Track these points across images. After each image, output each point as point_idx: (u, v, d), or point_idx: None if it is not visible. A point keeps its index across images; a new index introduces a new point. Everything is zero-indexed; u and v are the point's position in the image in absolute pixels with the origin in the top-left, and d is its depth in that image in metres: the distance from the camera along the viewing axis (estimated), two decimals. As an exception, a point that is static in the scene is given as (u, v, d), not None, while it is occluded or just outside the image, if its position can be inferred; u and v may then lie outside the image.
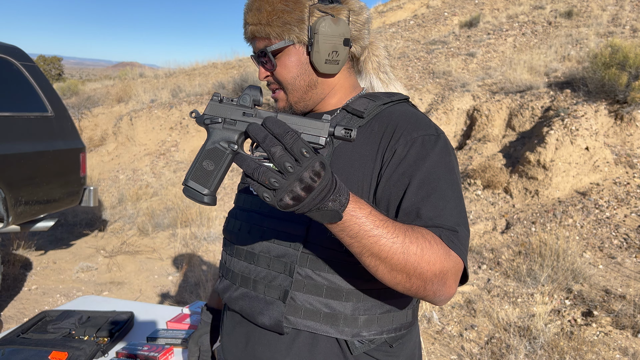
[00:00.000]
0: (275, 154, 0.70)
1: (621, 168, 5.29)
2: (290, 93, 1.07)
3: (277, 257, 1.02)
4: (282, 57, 1.04)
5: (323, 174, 0.71)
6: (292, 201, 0.71)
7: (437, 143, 0.97)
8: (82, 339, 1.70)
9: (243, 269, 1.08)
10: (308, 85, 1.07)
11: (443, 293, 0.86)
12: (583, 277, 3.85)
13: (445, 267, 0.84)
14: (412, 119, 1.00)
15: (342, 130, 0.80)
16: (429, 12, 13.53)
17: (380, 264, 0.81)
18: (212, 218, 6.04)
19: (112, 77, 19.46)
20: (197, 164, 0.86)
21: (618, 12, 9.44)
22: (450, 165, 0.96)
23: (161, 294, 4.31)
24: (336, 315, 0.99)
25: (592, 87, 6.03)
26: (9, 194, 3.69)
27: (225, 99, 0.89)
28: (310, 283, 0.99)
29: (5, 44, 4.06)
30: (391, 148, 0.97)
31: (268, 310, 1.01)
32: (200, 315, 1.94)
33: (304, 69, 1.05)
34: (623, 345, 3.10)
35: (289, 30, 1.01)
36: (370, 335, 1.00)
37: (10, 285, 4.32)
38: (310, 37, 1.01)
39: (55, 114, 4.22)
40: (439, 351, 3.18)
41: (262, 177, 0.70)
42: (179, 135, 9.17)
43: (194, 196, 0.85)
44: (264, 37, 1.03)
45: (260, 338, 1.05)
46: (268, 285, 1.02)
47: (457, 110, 7.07)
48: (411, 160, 0.94)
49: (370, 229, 0.78)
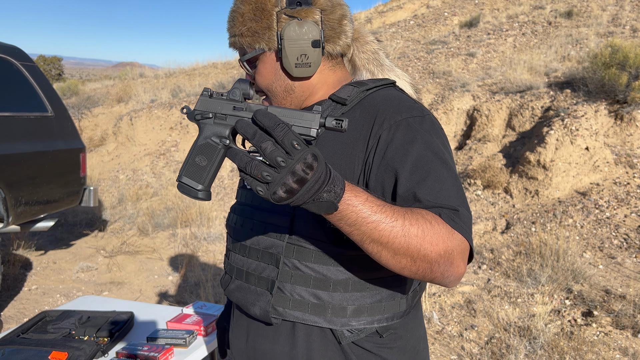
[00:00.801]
0: (266, 149, 0.70)
1: (621, 168, 5.29)
2: (272, 98, 1.10)
3: (265, 249, 1.04)
4: (258, 65, 1.07)
5: (316, 166, 0.71)
6: (285, 194, 0.71)
7: (423, 124, 0.95)
8: (82, 339, 1.70)
9: (238, 262, 1.11)
10: (285, 90, 1.08)
11: (452, 273, 0.84)
12: (583, 277, 3.85)
13: (449, 246, 0.82)
14: (394, 102, 0.99)
15: (333, 121, 0.79)
16: (429, 12, 13.53)
17: (382, 250, 0.81)
18: (212, 218, 6.04)
19: (112, 77, 19.46)
20: (189, 160, 0.86)
21: (618, 12, 9.43)
22: (440, 146, 0.94)
23: (161, 294, 4.31)
24: (324, 306, 0.99)
25: (592, 87, 6.03)
26: (9, 194, 3.69)
27: (215, 94, 0.89)
28: (297, 274, 1.00)
29: (5, 44, 4.06)
30: (375, 134, 0.95)
31: (259, 301, 1.03)
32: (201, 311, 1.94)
33: (278, 75, 1.06)
34: (623, 345, 3.10)
35: (258, 39, 1.03)
36: (360, 325, 1.00)
37: (10, 285, 4.32)
38: (279, 44, 1.02)
39: (55, 114, 4.22)
40: (439, 351, 3.18)
41: (254, 171, 0.71)
42: (179, 135, 9.17)
43: (187, 192, 0.85)
44: (239, 47, 1.07)
45: (259, 330, 1.07)
46: (258, 277, 1.05)
47: (457, 110, 7.07)
48: (398, 144, 0.92)
49: (368, 215, 0.78)
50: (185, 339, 1.70)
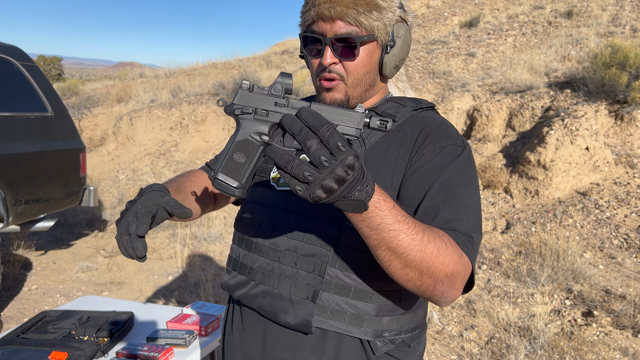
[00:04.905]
0: (311, 147, 0.69)
1: (621, 168, 5.29)
2: (352, 87, 1.02)
3: (305, 256, 1.00)
4: (361, 51, 0.99)
5: (356, 166, 0.70)
6: (324, 194, 0.70)
7: (462, 153, 0.99)
8: (82, 339, 1.70)
9: (264, 266, 1.05)
10: (370, 84, 1.05)
11: (450, 295, 0.88)
12: (583, 277, 3.85)
13: (456, 269, 0.85)
14: (443, 127, 1.02)
15: (378, 121, 0.78)
16: (429, 12, 13.53)
17: (395, 259, 0.81)
18: (212, 218, 6.04)
19: (112, 77, 19.45)
20: (227, 156, 0.83)
21: (618, 12, 9.43)
22: (470, 176, 0.98)
23: (161, 294, 4.31)
24: (361, 316, 0.99)
25: (592, 87, 6.03)
26: (9, 194, 3.68)
27: (256, 88, 0.85)
28: (339, 284, 0.98)
29: (5, 44, 4.06)
30: (419, 152, 0.99)
31: (293, 309, 1.00)
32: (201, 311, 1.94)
33: (373, 67, 1.03)
34: (623, 345, 3.10)
35: (378, 27, 0.98)
36: (391, 336, 1.01)
37: (10, 285, 4.31)
38: (391, 39, 1.00)
39: (55, 114, 4.21)
40: (439, 351, 3.18)
41: (295, 170, 0.69)
42: (179, 135, 9.17)
43: (224, 189, 0.83)
44: (353, 24, 0.96)
45: (281, 337, 1.04)
46: (295, 284, 1.00)
47: (457, 110, 7.07)
48: (435, 165, 0.96)
49: (391, 222, 0.78)
50: (185, 339, 1.70)
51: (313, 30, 0.99)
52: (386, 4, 0.98)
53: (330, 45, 0.98)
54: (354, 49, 0.97)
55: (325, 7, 0.96)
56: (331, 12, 0.95)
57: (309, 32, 1.00)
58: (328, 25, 0.97)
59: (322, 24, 0.98)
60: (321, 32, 0.98)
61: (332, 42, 0.97)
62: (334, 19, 0.96)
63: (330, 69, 1.00)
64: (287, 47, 14.98)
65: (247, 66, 12.59)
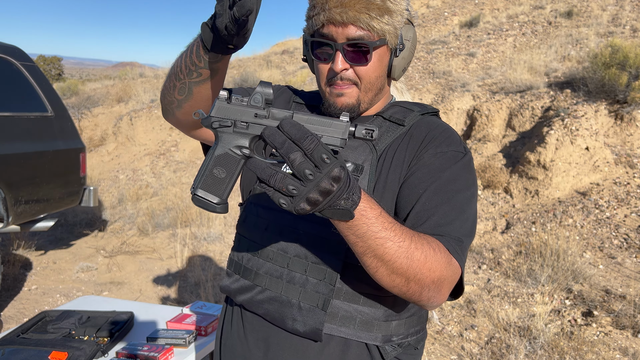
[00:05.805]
0: (295, 161, 0.67)
1: (621, 168, 5.29)
2: (364, 92, 1.01)
3: (315, 264, 0.98)
4: (373, 55, 0.97)
5: (342, 176, 0.69)
6: (309, 206, 0.69)
7: (462, 159, 0.99)
8: (82, 339, 1.70)
9: (272, 271, 1.02)
10: (380, 88, 1.04)
11: (436, 300, 0.88)
12: (583, 277, 3.85)
13: (444, 275, 0.85)
14: (447, 133, 1.03)
15: (363, 130, 0.76)
16: (429, 12, 13.52)
17: (381, 266, 0.81)
18: (212, 218, 6.04)
19: (112, 77, 19.43)
20: (206, 172, 0.79)
21: (618, 12, 9.43)
22: (468, 182, 0.98)
23: (161, 294, 4.31)
24: (371, 322, 0.98)
25: (592, 87, 6.03)
26: (9, 194, 3.68)
27: (234, 99, 0.80)
28: (350, 291, 0.98)
29: (5, 44, 4.06)
30: (419, 155, 0.99)
31: (302, 316, 0.98)
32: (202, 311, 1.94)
33: (383, 71, 1.02)
34: (623, 345, 3.10)
35: (389, 31, 0.96)
36: (399, 340, 1.01)
37: (10, 285, 4.31)
38: (400, 42, 1.00)
39: (55, 114, 4.21)
40: (439, 351, 3.18)
41: (279, 184, 0.68)
42: (179, 135, 9.17)
43: (204, 206, 0.79)
44: (365, 28, 0.93)
45: (285, 343, 1.02)
46: (305, 291, 0.98)
47: (457, 110, 7.07)
48: (433, 168, 0.96)
49: (378, 230, 0.77)
50: (185, 339, 1.70)
51: (323, 34, 0.97)
52: (396, 7, 0.96)
53: (341, 51, 0.95)
54: (366, 54, 0.96)
55: (337, 11, 0.92)
56: (343, 17, 0.92)
57: (318, 36, 0.98)
58: (339, 30, 0.94)
59: (333, 28, 0.95)
60: (331, 36, 0.95)
61: (344, 47, 0.95)
62: (346, 24, 0.93)
63: (342, 75, 0.98)
64: (287, 47, 14.97)
65: (247, 66, 12.58)
